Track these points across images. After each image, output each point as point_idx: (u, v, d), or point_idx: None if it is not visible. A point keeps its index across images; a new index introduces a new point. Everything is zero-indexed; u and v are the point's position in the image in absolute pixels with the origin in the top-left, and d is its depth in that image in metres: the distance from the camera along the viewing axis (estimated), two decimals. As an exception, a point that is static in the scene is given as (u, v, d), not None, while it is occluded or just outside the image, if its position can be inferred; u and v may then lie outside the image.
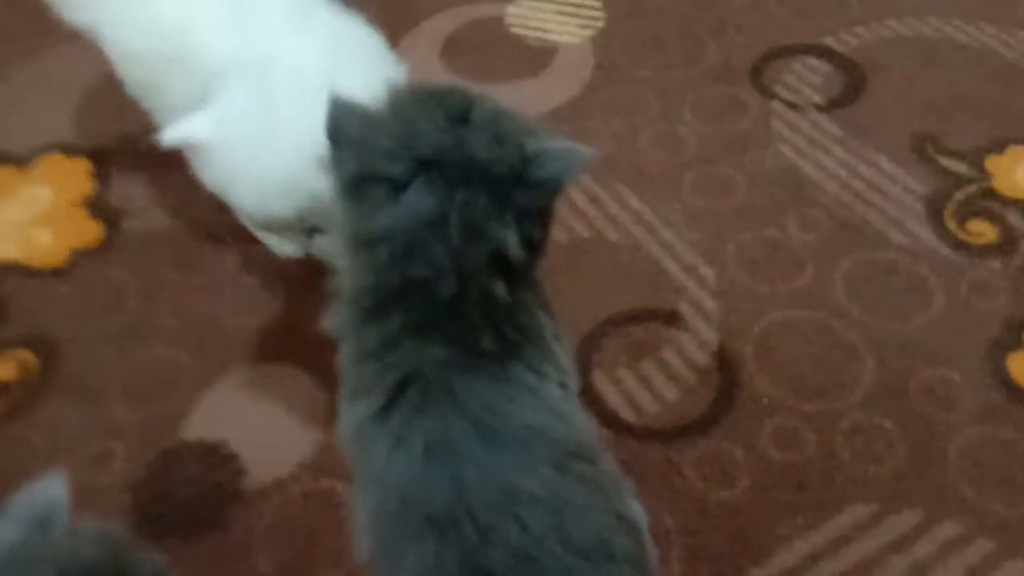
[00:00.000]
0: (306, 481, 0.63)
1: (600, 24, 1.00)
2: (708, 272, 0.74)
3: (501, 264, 0.39)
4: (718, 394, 0.66)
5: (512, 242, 0.38)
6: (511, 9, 1.03)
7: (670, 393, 0.67)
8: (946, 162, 0.82)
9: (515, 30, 1.01)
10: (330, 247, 0.62)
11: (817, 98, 0.89)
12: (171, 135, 0.61)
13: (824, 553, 0.58)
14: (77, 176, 0.88)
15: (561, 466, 0.39)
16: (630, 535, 0.41)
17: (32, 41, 1.00)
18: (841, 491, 0.60)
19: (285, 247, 0.66)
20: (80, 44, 0.70)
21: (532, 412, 0.40)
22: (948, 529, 0.58)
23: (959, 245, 0.75)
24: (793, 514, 0.59)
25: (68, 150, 0.90)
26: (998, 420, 0.63)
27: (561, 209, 0.78)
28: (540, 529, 0.37)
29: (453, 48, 0.99)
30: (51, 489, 0.36)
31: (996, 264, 0.73)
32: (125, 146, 0.90)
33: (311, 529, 0.61)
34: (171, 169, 0.84)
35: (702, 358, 0.69)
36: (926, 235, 0.76)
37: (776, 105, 0.89)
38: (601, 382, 0.67)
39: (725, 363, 0.68)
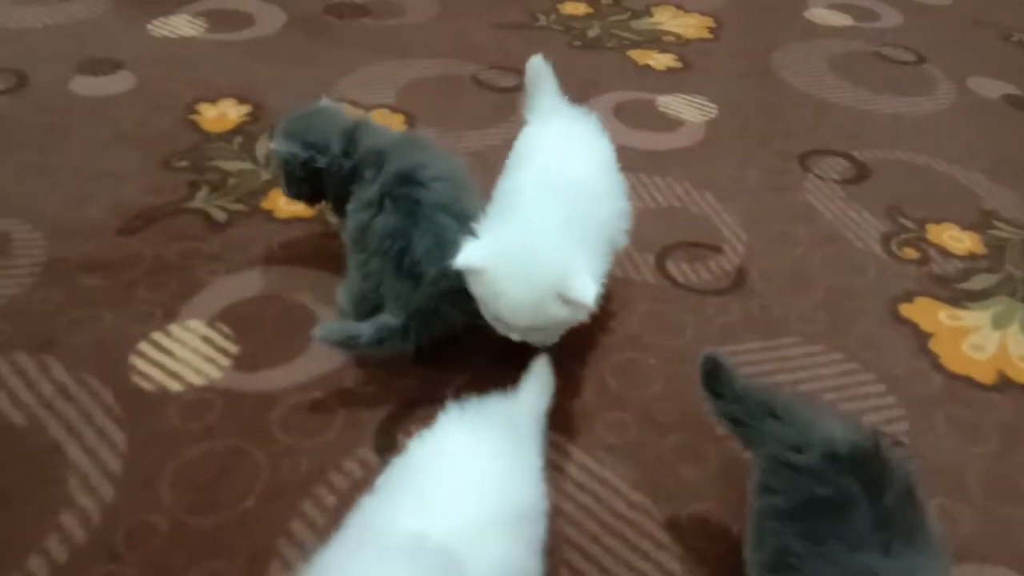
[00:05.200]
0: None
1: (713, 115, 1.62)
2: (741, 233, 1.29)
3: None
4: (734, 279, 1.20)
5: None
6: (661, 98, 1.67)
7: (708, 275, 1.21)
8: (902, 220, 1.36)
9: (661, 108, 1.64)
10: (540, 340, 0.88)
11: (835, 176, 1.46)
12: (461, 260, 0.81)
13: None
14: (396, 122, 1.53)
15: None
16: None
17: (368, 55, 1.72)
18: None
19: (511, 336, 0.87)
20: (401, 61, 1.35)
21: None
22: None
23: (894, 256, 1.27)
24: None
25: (392, 108, 1.57)
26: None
27: (651, 188, 1.36)
28: None
29: (620, 112, 1.62)
30: None
31: (911, 267, 1.25)
32: (427, 112, 1.56)
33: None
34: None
35: (729, 268, 1.23)
36: (878, 250, 1.29)
37: (810, 176, 1.46)
38: (672, 270, 1.22)
39: (740, 273, 1.22)
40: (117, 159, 1.35)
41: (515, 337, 0.87)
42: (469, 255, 0.82)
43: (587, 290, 0.79)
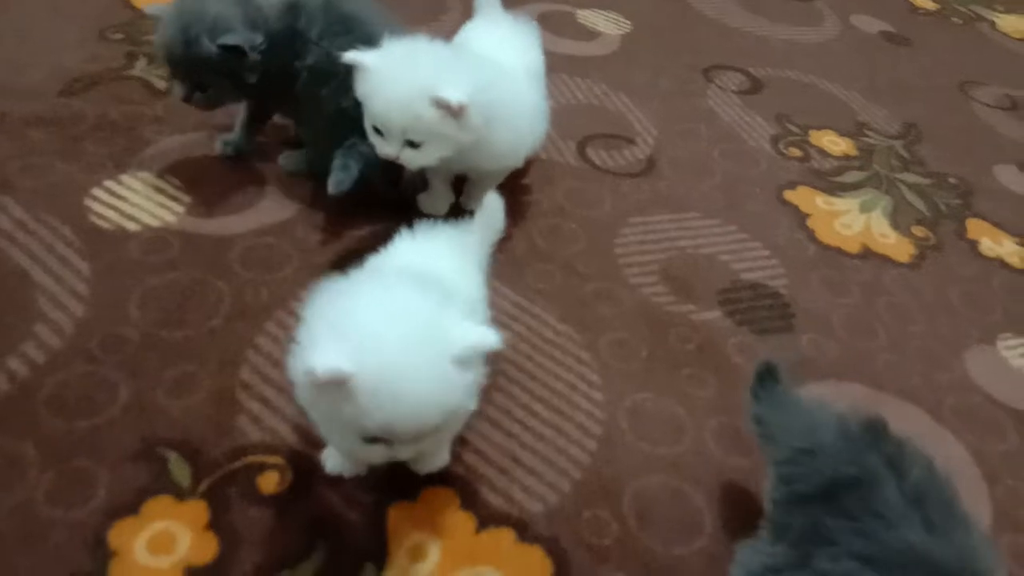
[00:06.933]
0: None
1: (628, 30, 1.75)
2: (652, 128, 1.44)
3: None
4: (646, 165, 1.34)
5: None
6: (580, 12, 1.78)
7: (623, 161, 1.34)
8: (789, 126, 1.53)
9: (580, 20, 1.75)
10: (415, 160, 0.93)
11: (734, 88, 1.62)
12: (352, 56, 0.89)
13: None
14: (329, 14, 1.58)
15: None
16: None
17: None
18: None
19: (385, 148, 0.93)
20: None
21: None
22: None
23: (781, 154, 1.45)
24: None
25: (325, 2, 1.61)
26: (772, 209, 1.31)
27: (572, 87, 1.48)
28: None
29: (543, 20, 1.72)
30: None
31: (795, 163, 1.43)
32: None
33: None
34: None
35: (641, 157, 1.37)
36: (767, 148, 1.46)
37: (713, 86, 1.62)
38: (592, 156, 1.35)
39: (650, 161, 1.36)
40: (52, 30, 1.35)
41: (390, 152, 0.92)
42: (359, 53, 0.90)
43: (456, 94, 0.86)
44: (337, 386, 0.57)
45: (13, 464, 0.74)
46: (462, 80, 0.89)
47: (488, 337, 0.61)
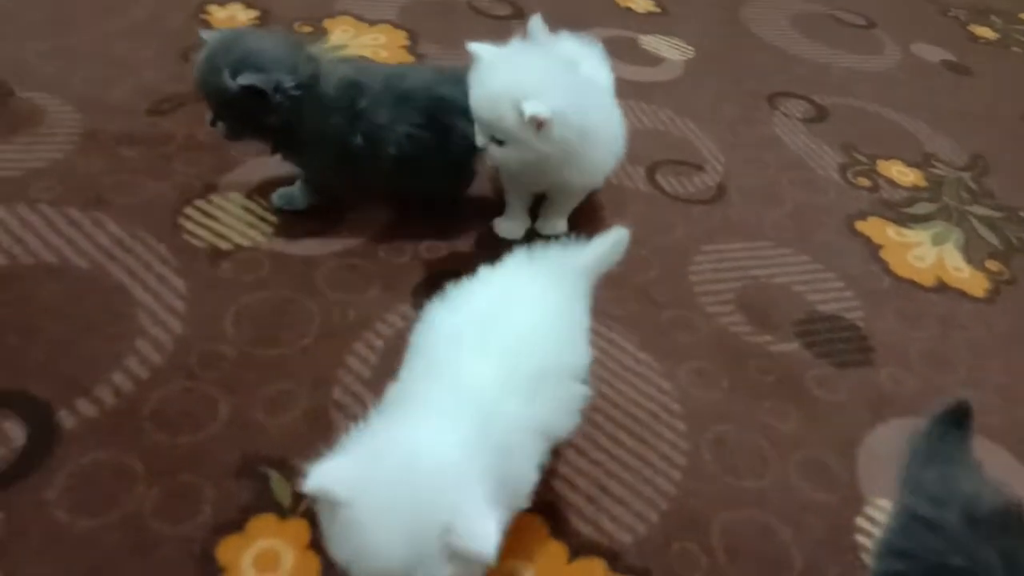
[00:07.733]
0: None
1: (690, 56, 1.76)
2: (720, 155, 1.44)
3: None
4: (715, 192, 1.34)
5: None
6: (643, 37, 1.80)
7: (692, 188, 1.35)
8: (856, 155, 1.53)
9: (643, 46, 1.77)
10: (497, 155, 0.98)
11: (799, 115, 1.62)
12: (472, 46, 0.96)
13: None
14: (399, 38, 1.61)
15: None
16: None
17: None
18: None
19: (478, 138, 0.99)
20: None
21: None
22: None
23: (850, 183, 1.45)
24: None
25: (395, 25, 1.64)
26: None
27: (637, 112, 1.49)
28: None
29: (607, 47, 1.74)
30: None
31: (864, 193, 1.43)
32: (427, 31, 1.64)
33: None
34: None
35: (711, 184, 1.37)
36: (835, 176, 1.46)
37: (777, 113, 1.62)
38: (661, 182, 1.35)
39: (720, 188, 1.37)
40: (133, 49, 1.39)
41: (479, 142, 0.98)
42: (478, 44, 0.97)
43: (538, 107, 0.90)
44: (326, 500, 0.56)
45: (122, 477, 0.77)
46: (556, 95, 0.91)
47: (486, 551, 0.54)
